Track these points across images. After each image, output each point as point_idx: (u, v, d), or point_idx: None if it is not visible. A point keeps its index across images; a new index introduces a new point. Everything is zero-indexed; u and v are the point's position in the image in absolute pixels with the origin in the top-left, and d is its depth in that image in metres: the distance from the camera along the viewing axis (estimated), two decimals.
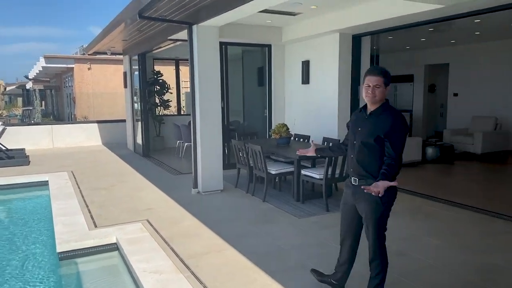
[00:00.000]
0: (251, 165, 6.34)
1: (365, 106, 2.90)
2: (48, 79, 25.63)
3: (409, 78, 13.63)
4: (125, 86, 11.45)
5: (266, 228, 4.87)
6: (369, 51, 7.53)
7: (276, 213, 5.44)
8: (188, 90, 8.26)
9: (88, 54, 12.23)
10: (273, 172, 5.98)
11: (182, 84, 13.43)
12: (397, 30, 7.25)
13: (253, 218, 5.26)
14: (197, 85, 6.26)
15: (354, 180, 2.88)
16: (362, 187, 2.72)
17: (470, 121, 10.55)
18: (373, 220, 2.81)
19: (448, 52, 12.10)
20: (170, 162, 9.39)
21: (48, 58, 19.08)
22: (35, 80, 25.84)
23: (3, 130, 11.34)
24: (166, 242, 4.44)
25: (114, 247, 4.56)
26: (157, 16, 6.26)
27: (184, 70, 13.06)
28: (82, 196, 6.44)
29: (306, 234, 4.64)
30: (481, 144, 9.22)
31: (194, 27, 6.18)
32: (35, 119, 20.06)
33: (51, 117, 23.39)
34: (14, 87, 48.42)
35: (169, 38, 7.54)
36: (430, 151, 8.84)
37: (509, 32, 9.50)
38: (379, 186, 2.63)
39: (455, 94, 12.15)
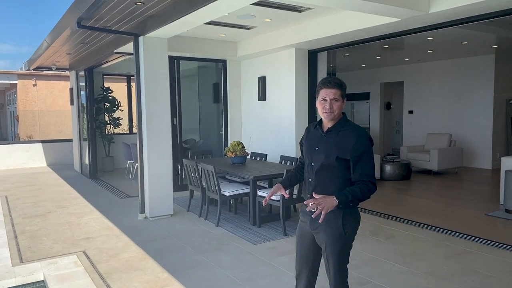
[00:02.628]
0: (204, 186, 5.90)
1: (320, 121, 2.57)
2: None
3: (365, 96, 13.75)
4: (72, 103, 10.72)
5: (218, 257, 4.42)
6: (325, 67, 7.37)
7: (230, 239, 5.00)
8: None
9: (32, 69, 11.40)
10: (227, 194, 5.56)
11: (134, 101, 12.80)
12: (352, 46, 7.16)
13: (204, 245, 4.78)
14: (144, 101, 5.79)
15: (312, 207, 2.53)
16: (307, 209, 2.37)
17: (425, 138, 10.65)
18: (334, 252, 2.44)
19: (403, 70, 12.31)
20: (118, 184, 8.74)
21: None
22: None
23: None
24: (102, 278, 3.88)
25: (41, 285, 3.94)
26: (100, 26, 5.79)
27: None
28: (12, 225, 5.73)
29: (261, 263, 4.23)
30: (437, 160, 9.26)
31: (140, 38, 5.74)
32: None
33: None
34: None
35: (116, 51, 7.04)
36: (388, 168, 8.75)
37: (460, 51, 9.74)
38: (322, 203, 2.26)
39: (410, 112, 12.32)
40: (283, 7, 5.40)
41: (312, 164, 2.51)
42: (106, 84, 11.09)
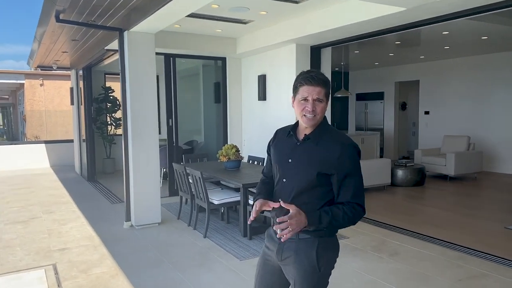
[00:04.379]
0: (194, 193, 5.45)
1: (295, 126, 2.06)
2: (7, 96, 24.21)
3: (379, 96, 13.11)
4: (72, 103, 10.45)
5: (197, 275, 3.96)
6: (330, 64, 6.83)
7: (215, 253, 4.53)
8: None
9: (34, 69, 11.20)
10: (216, 202, 5.09)
11: None
12: (361, 42, 6.65)
13: (185, 261, 4.33)
14: (128, 101, 5.38)
15: (281, 231, 2.03)
16: (278, 235, 1.81)
17: (442, 140, 9.97)
18: None
19: (418, 68, 11.64)
20: (114, 187, 8.37)
21: None
22: None
23: None
24: None
25: None
26: (83, 21, 5.41)
27: None
28: None
29: (243, 283, 3.75)
30: (454, 165, 8.60)
31: (125, 33, 5.34)
32: None
33: (4, 137, 21.90)
34: None
35: (106, 48, 6.66)
36: (399, 173, 8.13)
37: (479, 48, 9.05)
38: (293, 222, 1.76)
39: (426, 112, 11.64)
40: None
41: (284, 180, 2.00)
42: (111, 84, 10.78)
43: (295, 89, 1.96)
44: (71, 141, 11.76)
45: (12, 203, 7.08)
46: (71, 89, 10.45)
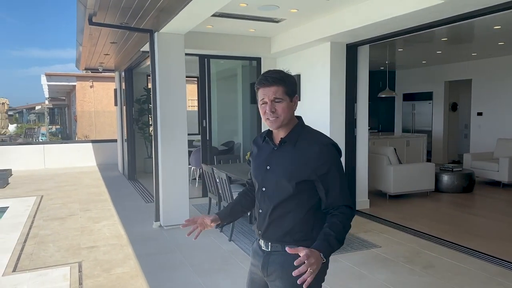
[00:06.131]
0: (221, 194, 5.39)
1: (270, 131, 1.91)
2: (64, 98, 25.70)
3: (428, 96, 12.44)
4: (116, 104, 10.80)
5: (215, 280, 3.87)
6: (367, 63, 6.51)
7: (238, 257, 4.43)
8: (192, 108, 7.44)
9: (85, 71, 11.72)
10: None
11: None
12: (398, 37, 6.27)
13: (207, 264, 4.26)
14: (158, 103, 5.42)
15: (265, 245, 1.88)
16: (287, 248, 1.60)
17: (495, 144, 9.25)
18: None
19: (470, 66, 10.89)
20: (152, 187, 8.49)
21: (49, 76, 18.86)
22: (52, 98, 25.95)
23: None
24: None
25: None
26: (115, 23, 5.51)
27: (191, 87, 12.33)
28: (30, 228, 5.65)
29: None
30: (508, 171, 7.93)
31: (155, 34, 5.38)
32: (38, 139, 19.87)
33: (59, 136, 23.26)
34: (40, 106, 49.53)
35: (142, 50, 6.77)
36: (445, 178, 7.61)
37: None
38: (313, 261, 1.52)
39: (479, 114, 10.86)
40: None
41: (264, 189, 1.86)
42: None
43: (256, 95, 1.84)
44: (116, 140, 12.19)
45: (55, 200, 7.40)
46: (115, 90, 10.81)
